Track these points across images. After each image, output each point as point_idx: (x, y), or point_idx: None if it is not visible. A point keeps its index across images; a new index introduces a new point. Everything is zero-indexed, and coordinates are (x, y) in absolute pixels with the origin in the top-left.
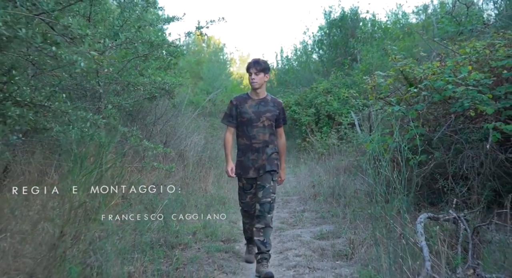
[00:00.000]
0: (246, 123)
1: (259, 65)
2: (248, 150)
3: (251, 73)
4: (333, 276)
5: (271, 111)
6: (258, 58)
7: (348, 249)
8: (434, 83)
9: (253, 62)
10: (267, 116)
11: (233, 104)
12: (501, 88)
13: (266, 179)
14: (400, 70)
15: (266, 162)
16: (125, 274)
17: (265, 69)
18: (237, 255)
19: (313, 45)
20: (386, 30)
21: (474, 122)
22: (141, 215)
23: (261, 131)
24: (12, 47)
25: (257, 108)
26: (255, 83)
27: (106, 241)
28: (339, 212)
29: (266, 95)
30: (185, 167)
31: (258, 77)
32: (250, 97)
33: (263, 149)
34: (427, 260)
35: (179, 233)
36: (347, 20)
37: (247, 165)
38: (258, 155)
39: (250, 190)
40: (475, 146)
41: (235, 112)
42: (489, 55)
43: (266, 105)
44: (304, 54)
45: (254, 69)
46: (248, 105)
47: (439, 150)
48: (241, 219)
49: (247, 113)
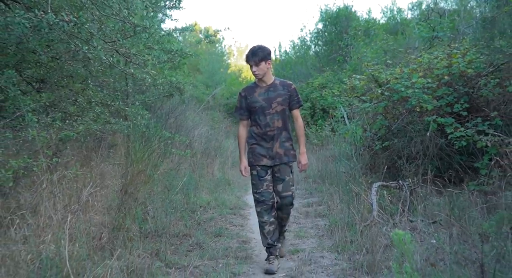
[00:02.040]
0: (258, 112)
1: (257, 56)
2: (262, 138)
3: (251, 66)
4: (312, 225)
5: (281, 96)
6: (255, 47)
7: (326, 211)
8: (394, 86)
9: (250, 54)
10: (278, 101)
11: (242, 96)
12: (440, 90)
13: (285, 171)
14: (372, 74)
15: (282, 152)
16: (168, 220)
17: (264, 58)
18: (243, 216)
19: (310, 42)
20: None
21: (421, 116)
22: (167, 188)
23: (275, 118)
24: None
25: (267, 95)
26: (257, 75)
27: (154, 198)
28: (323, 188)
29: (273, 80)
30: (193, 155)
31: (259, 68)
32: (258, 85)
33: (277, 136)
34: (375, 210)
35: (197, 203)
36: (342, 17)
37: (261, 153)
38: (272, 143)
39: (265, 177)
40: (422, 134)
41: (245, 104)
42: (434, 64)
43: (275, 90)
44: (301, 48)
45: (253, 61)
46: (257, 93)
47: (398, 137)
48: (257, 220)
49: (258, 101)
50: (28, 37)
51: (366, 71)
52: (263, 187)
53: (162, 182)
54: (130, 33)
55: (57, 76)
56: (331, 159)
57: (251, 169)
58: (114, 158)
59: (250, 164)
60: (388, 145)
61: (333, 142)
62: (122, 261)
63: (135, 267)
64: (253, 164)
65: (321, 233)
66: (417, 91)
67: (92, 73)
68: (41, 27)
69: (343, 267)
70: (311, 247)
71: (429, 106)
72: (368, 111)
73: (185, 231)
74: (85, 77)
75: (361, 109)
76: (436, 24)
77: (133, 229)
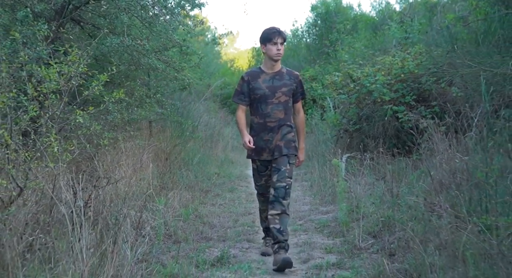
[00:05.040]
0: (259, 100)
1: (284, 35)
2: (262, 129)
3: (277, 43)
4: (298, 185)
5: (287, 86)
6: (278, 27)
7: (309, 176)
8: (363, 82)
9: (278, 31)
10: (283, 91)
11: (245, 80)
12: (395, 86)
13: (282, 161)
14: (347, 72)
15: (282, 144)
16: (195, 180)
17: (285, 40)
18: (247, 181)
19: (301, 36)
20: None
21: (382, 105)
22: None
23: (277, 109)
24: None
25: (272, 83)
26: (279, 55)
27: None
28: (309, 164)
29: (281, 68)
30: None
31: (282, 49)
32: (263, 71)
33: (278, 128)
34: (343, 171)
35: (210, 172)
36: (331, 13)
37: (261, 146)
38: (272, 135)
39: (264, 172)
40: (383, 119)
41: (247, 89)
42: (393, 65)
43: (281, 79)
44: (293, 41)
45: (281, 38)
46: (262, 80)
47: (366, 122)
48: (258, 205)
49: (261, 89)
50: (114, 54)
51: (343, 70)
52: (261, 181)
53: (182, 156)
54: (168, 46)
55: (121, 77)
56: (319, 142)
57: (252, 161)
58: (140, 137)
59: (250, 157)
60: (359, 127)
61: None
62: (176, 196)
63: (185, 200)
64: (253, 158)
65: (305, 189)
66: (379, 86)
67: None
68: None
69: (316, 202)
70: (297, 194)
71: (387, 98)
72: (344, 102)
73: (207, 188)
74: (134, 77)
75: (339, 100)
76: (407, 26)
77: (175, 182)
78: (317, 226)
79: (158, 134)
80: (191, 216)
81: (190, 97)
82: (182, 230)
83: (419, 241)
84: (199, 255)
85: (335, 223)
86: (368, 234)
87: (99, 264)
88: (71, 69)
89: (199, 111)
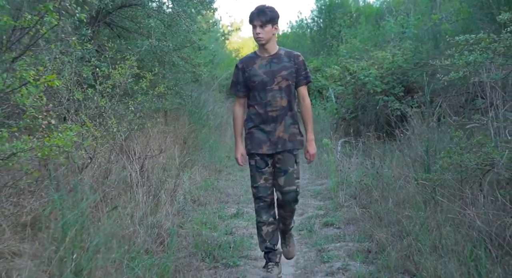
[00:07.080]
0: (257, 88)
1: (264, 16)
2: (263, 120)
3: (255, 26)
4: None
5: (287, 68)
6: (263, 6)
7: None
8: (358, 75)
9: (256, 12)
10: (283, 75)
11: (239, 68)
12: (387, 78)
13: (288, 161)
14: (345, 66)
15: (286, 137)
16: (209, 160)
17: (273, 19)
18: None
19: (306, 27)
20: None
21: (374, 96)
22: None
23: (278, 96)
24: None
25: (269, 67)
26: (261, 39)
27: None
28: None
29: (278, 50)
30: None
31: (265, 31)
32: (258, 55)
33: (281, 118)
34: (338, 153)
35: (221, 156)
36: (335, 5)
37: (261, 138)
38: (275, 125)
39: (264, 169)
40: (375, 108)
41: (242, 78)
42: (385, 60)
43: (279, 62)
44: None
45: (259, 21)
46: (258, 65)
47: (360, 111)
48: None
49: (258, 75)
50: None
51: (341, 64)
52: (260, 181)
53: (198, 141)
54: (186, 44)
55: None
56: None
57: (249, 157)
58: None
59: (248, 152)
60: (355, 116)
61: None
62: (197, 172)
63: (204, 176)
64: (251, 152)
65: (305, 168)
66: (372, 79)
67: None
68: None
69: (313, 177)
70: None
71: (379, 89)
72: (342, 93)
73: (220, 168)
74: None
75: (337, 91)
76: (404, 22)
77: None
78: (312, 194)
79: (173, 122)
80: (209, 188)
81: (200, 89)
82: (204, 197)
83: (381, 197)
84: (220, 211)
85: (327, 191)
86: (350, 196)
87: (154, 209)
88: (125, 70)
89: (208, 101)
